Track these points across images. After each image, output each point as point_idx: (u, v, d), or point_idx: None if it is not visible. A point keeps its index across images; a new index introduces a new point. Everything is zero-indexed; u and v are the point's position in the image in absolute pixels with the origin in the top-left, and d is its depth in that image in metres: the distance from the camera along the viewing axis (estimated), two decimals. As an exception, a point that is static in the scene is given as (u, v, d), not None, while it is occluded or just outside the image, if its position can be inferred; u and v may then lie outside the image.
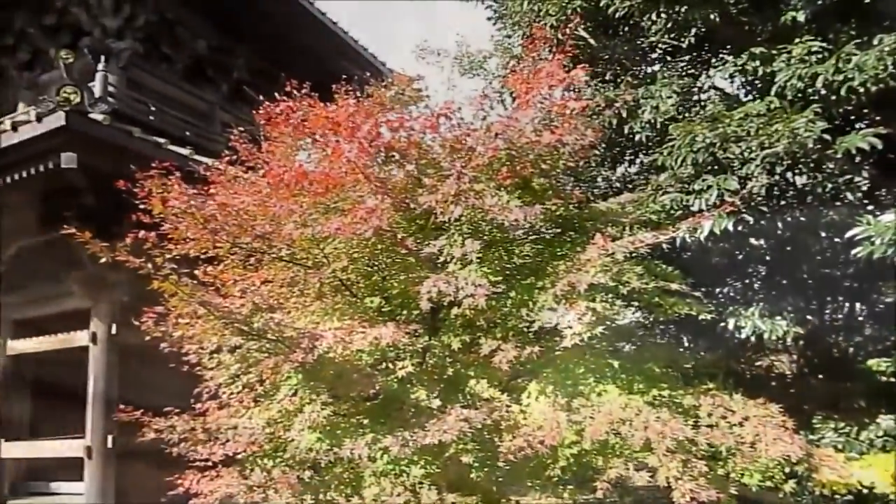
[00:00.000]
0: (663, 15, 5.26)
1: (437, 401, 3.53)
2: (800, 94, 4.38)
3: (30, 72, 9.63)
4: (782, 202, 4.50)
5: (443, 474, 3.52)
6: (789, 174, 4.55)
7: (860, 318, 6.00)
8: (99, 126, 5.90)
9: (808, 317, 5.55)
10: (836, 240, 4.88)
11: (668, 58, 5.52)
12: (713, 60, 5.36)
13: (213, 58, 10.49)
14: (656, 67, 5.66)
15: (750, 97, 5.24)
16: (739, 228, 4.41)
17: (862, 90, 4.28)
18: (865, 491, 5.46)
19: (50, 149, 5.77)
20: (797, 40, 4.50)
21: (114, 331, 7.40)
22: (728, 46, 5.36)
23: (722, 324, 4.82)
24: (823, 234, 5.10)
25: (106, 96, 7.70)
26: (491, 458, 3.47)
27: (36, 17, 9.16)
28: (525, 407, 3.61)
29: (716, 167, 4.54)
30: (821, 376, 6.00)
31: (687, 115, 5.05)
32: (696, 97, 5.43)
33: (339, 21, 10.62)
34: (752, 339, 4.64)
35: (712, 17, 4.96)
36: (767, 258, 5.44)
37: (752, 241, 5.18)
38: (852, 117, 4.92)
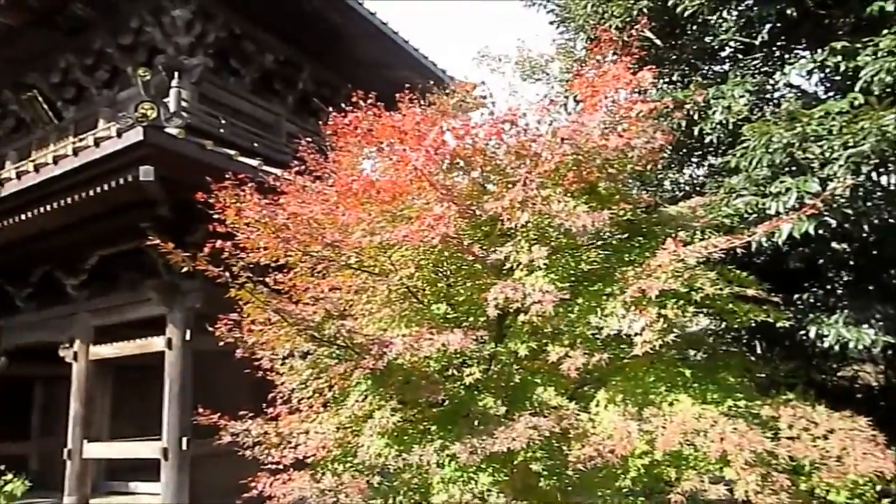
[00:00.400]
0: (734, 12, 5.09)
1: (504, 408, 3.52)
2: (888, 90, 4.14)
3: (109, 90, 10.15)
4: (868, 203, 4.26)
5: (511, 482, 3.50)
6: (875, 174, 4.31)
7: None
8: (174, 140, 6.16)
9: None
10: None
11: (740, 56, 5.33)
12: (788, 57, 5.15)
13: (280, 71, 10.80)
14: (727, 66, 5.48)
15: (830, 94, 5.01)
16: (821, 232, 4.21)
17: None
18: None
19: (129, 162, 6.06)
20: (885, 32, 4.26)
21: (188, 337, 7.69)
22: (804, 42, 5.14)
23: (801, 332, 4.61)
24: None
25: (180, 111, 8.03)
26: (560, 467, 3.43)
27: (114, 37, 9.65)
28: (594, 415, 3.55)
29: (794, 168, 4.35)
30: (914, 388, 5.66)
31: (760, 114, 4.87)
32: (769, 96, 5.22)
33: (400, 31, 10.78)
34: (835, 348, 4.41)
35: (788, 11, 4.77)
36: (852, 263, 5.16)
37: (835, 244, 4.93)
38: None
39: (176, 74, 8.71)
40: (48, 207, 6.75)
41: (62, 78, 10.42)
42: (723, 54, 5.62)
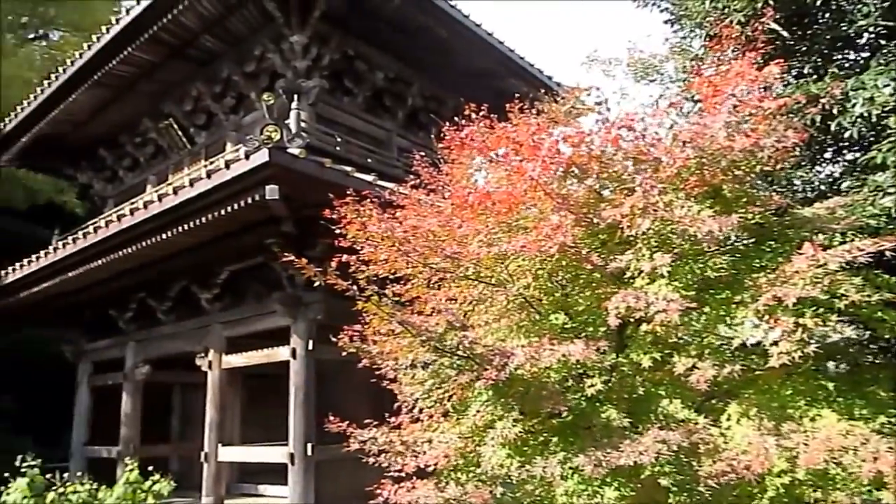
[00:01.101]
0: (875, -6, 4.72)
1: (628, 420, 3.43)
2: None
3: (235, 115, 10.86)
4: None
5: (638, 497, 3.39)
6: None
7: None
8: (296, 159, 6.49)
9: None
10: None
11: (882, 42, 4.90)
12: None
13: (390, 87, 11.13)
14: (867, 54, 5.06)
15: None
16: None
17: None
18: None
19: (256, 182, 6.44)
20: None
21: (310, 347, 8.05)
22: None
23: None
24: None
25: (300, 131, 8.46)
26: (690, 482, 3.28)
27: (239, 65, 10.32)
28: (725, 430, 3.38)
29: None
30: None
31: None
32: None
33: (505, 40, 10.81)
34: None
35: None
36: None
37: None
38: None
39: (295, 97, 9.20)
40: (185, 226, 7.30)
41: (194, 105, 11.27)
42: (861, 41, 5.20)
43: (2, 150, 13.04)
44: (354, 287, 3.52)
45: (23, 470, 8.05)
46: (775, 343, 3.11)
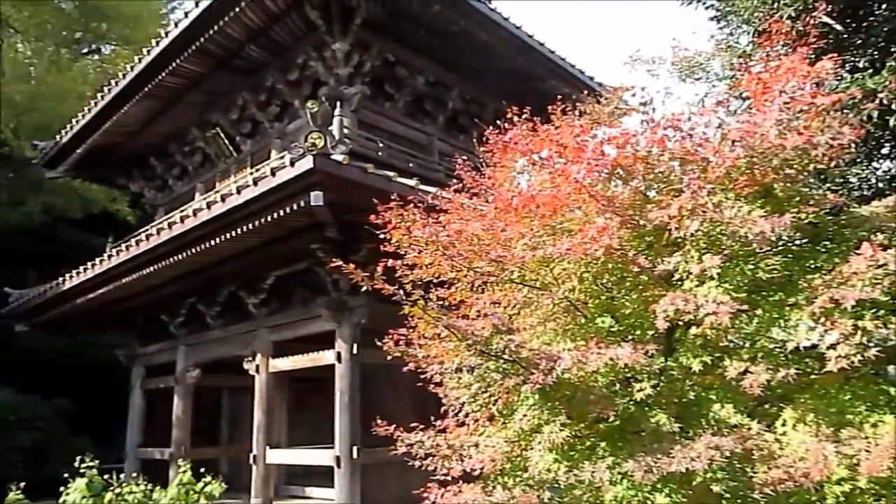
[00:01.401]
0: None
1: (678, 425, 3.37)
2: None
3: (279, 122, 11.06)
4: None
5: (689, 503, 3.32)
6: None
7: None
8: (340, 165, 6.57)
9: None
10: None
11: (943, 33, 4.73)
12: None
13: (430, 92, 11.19)
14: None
15: None
16: None
17: None
18: None
19: (301, 189, 6.54)
20: None
21: (355, 350, 8.13)
22: None
23: None
24: None
25: (343, 138, 8.56)
26: (744, 489, 3.21)
27: (283, 74, 10.51)
28: (780, 435, 3.29)
29: None
30: None
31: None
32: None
33: (546, 42, 10.75)
34: None
35: None
36: None
37: None
38: None
39: (337, 104, 9.32)
40: (233, 233, 7.47)
41: (239, 114, 11.53)
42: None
43: (59, 161, 13.58)
44: (400, 291, 3.54)
45: (81, 470, 8.34)
46: (832, 346, 3.01)
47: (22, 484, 8.79)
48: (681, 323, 3.50)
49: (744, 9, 5.16)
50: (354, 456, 7.84)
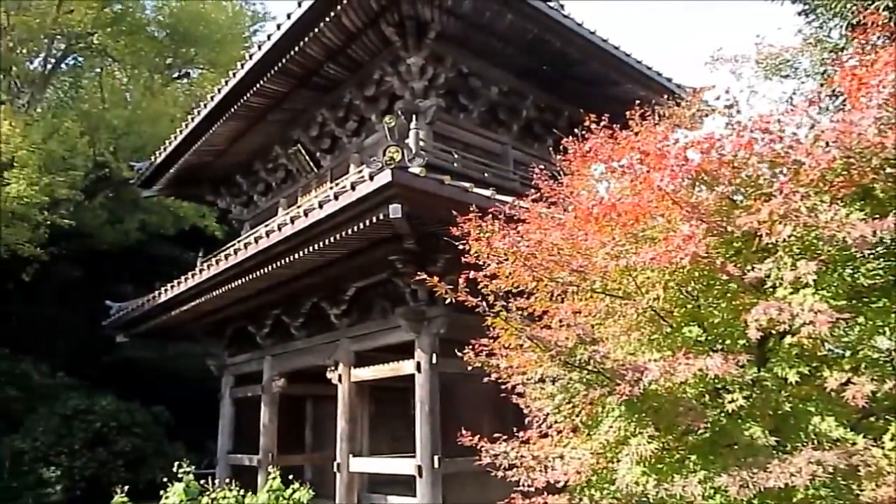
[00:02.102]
0: None
1: (774, 439, 3.24)
2: None
3: (357, 137, 11.34)
4: None
5: (788, 521, 3.18)
6: None
7: None
8: (417, 178, 6.67)
9: None
10: None
11: None
12: None
13: (504, 101, 11.19)
14: None
15: None
16: None
17: None
18: None
19: (380, 202, 6.68)
20: None
21: (434, 360, 8.20)
22: None
23: None
24: None
25: (419, 150, 8.69)
26: (849, 508, 3.05)
27: (360, 90, 10.78)
28: (889, 451, 3.11)
29: None
30: None
31: None
32: None
33: (621, 45, 10.57)
34: None
35: None
36: None
37: None
38: None
39: (413, 117, 9.48)
40: (315, 246, 7.70)
41: (319, 131, 11.89)
42: None
43: (154, 181, 14.40)
44: (483, 302, 3.56)
45: (179, 475, 8.78)
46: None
47: (126, 487, 9.33)
48: (774, 332, 3.37)
49: (834, 1, 4.92)
50: (436, 465, 7.89)
